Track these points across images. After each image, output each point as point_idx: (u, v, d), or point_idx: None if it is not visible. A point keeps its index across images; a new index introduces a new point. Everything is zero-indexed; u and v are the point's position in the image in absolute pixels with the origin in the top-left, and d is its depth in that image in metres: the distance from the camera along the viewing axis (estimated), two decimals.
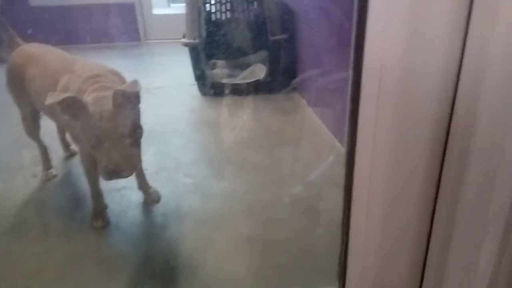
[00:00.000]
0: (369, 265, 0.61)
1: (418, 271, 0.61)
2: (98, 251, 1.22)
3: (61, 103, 1.01)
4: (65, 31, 3.16)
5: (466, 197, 0.52)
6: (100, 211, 1.34)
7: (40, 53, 1.35)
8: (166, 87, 2.66)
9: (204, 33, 2.45)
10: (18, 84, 1.35)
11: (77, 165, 1.63)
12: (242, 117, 2.20)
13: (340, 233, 0.66)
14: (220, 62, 2.72)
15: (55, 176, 1.60)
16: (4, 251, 1.22)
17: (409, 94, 0.51)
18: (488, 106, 0.47)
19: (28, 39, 1.48)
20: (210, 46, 2.54)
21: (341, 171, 0.61)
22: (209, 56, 2.61)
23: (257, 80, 2.50)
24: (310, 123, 2.10)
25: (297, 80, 2.54)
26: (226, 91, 2.49)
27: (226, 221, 1.32)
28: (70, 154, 1.75)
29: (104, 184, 1.35)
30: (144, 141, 1.59)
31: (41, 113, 1.48)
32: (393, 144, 0.54)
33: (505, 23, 0.43)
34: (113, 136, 1.04)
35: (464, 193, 0.52)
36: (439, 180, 0.55)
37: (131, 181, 1.45)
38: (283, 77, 2.56)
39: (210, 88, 2.50)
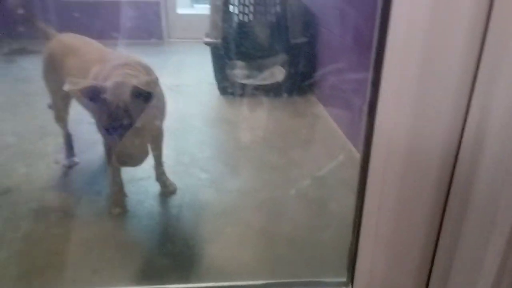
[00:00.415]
0: (378, 258, 0.63)
1: (426, 266, 0.63)
2: (115, 237, 1.26)
3: (82, 90, 1.06)
4: (91, 26, 3.24)
5: (477, 195, 0.53)
6: (119, 199, 1.39)
7: (77, 43, 1.42)
8: (186, 85, 2.71)
9: (226, 34, 2.49)
10: (54, 71, 1.42)
11: (99, 155, 1.68)
12: (259, 118, 2.23)
13: (351, 230, 0.68)
14: (240, 63, 2.76)
15: (77, 163, 1.66)
16: (26, 232, 1.27)
17: (428, 91, 0.53)
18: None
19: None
20: (231, 47, 2.59)
21: (354, 174, 0.63)
22: (230, 57, 2.65)
23: (276, 82, 2.53)
24: (326, 127, 2.12)
25: (311, 81, 2.56)
26: (245, 92, 2.53)
27: (239, 215, 1.35)
28: None
29: (124, 174, 1.40)
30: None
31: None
32: (409, 140, 0.56)
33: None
34: (125, 127, 1.08)
35: (475, 190, 0.53)
36: (452, 177, 0.57)
37: (150, 172, 1.50)
38: (302, 80, 2.58)
39: (229, 88, 2.54)
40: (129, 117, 1.09)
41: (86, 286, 1.06)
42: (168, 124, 1.76)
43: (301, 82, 2.57)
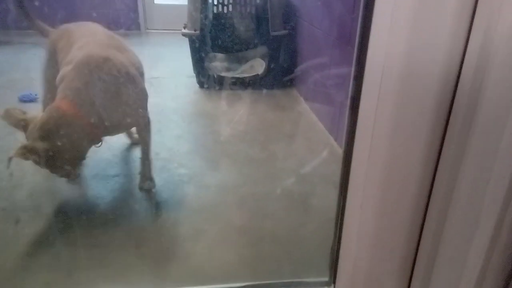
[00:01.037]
0: (361, 257, 0.62)
1: (409, 263, 0.62)
2: (89, 236, 1.21)
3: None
4: (68, 16, 3.14)
5: (460, 193, 0.52)
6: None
7: (74, 29, 1.39)
8: (164, 78, 2.65)
9: (204, 25, 2.44)
10: (53, 61, 1.38)
11: None
12: (239, 111, 2.20)
13: (333, 226, 0.67)
14: (219, 55, 2.72)
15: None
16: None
17: (410, 89, 0.51)
18: (488, 100, 0.47)
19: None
20: (210, 39, 2.54)
21: (335, 169, 0.61)
22: (209, 49, 2.60)
23: (256, 75, 2.50)
24: (307, 120, 2.11)
25: (292, 75, 2.54)
26: (224, 85, 2.49)
27: (219, 212, 1.32)
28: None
29: (95, 172, 1.35)
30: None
31: None
32: (392, 137, 0.54)
33: (508, 17, 0.44)
34: None
35: (458, 189, 0.52)
36: (434, 175, 0.56)
37: (123, 170, 1.45)
38: (282, 73, 2.56)
39: (208, 81, 2.50)
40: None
41: None
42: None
43: (282, 75, 2.55)
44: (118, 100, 1.23)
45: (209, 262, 1.09)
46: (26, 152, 1.11)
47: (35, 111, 1.48)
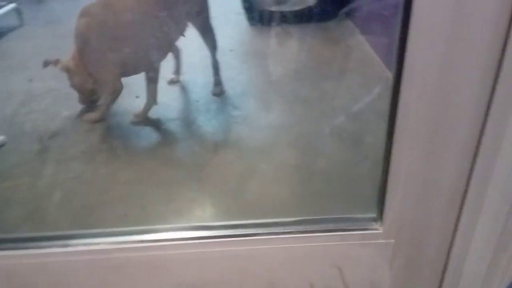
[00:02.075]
0: (409, 193, 0.63)
1: (458, 201, 0.63)
2: (158, 175, 1.34)
3: None
4: None
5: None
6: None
7: None
8: (213, 17, 2.63)
9: None
10: None
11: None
12: (290, 48, 2.15)
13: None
14: None
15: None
16: (77, 172, 1.37)
17: (462, 17, 0.49)
18: None
19: None
20: None
21: None
22: None
23: (307, 7, 2.39)
24: (363, 54, 2.02)
25: (347, 4, 2.39)
26: (275, 20, 2.42)
27: (272, 151, 1.38)
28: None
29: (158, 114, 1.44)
30: (192, 73, 1.64)
31: None
32: (441, 75, 0.53)
33: None
34: None
35: (510, 128, 0.51)
36: (486, 115, 0.55)
37: (181, 114, 1.52)
38: (334, 3, 2.41)
39: (258, 17, 2.44)
40: None
41: (136, 221, 1.16)
42: (196, 61, 1.75)
43: (335, 5, 2.41)
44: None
45: (262, 198, 1.17)
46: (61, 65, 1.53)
47: None
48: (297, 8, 2.40)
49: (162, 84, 1.80)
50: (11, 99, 1.75)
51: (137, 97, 1.67)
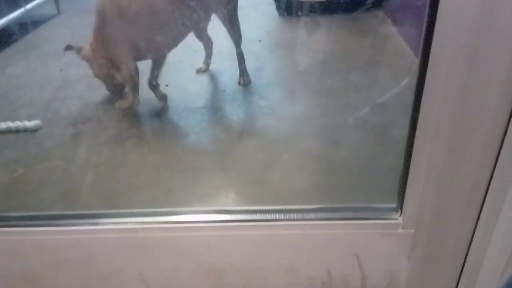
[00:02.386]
0: (430, 185, 0.63)
1: (480, 195, 0.62)
2: (184, 161, 1.37)
3: None
4: None
5: None
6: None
7: None
8: (242, 8, 2.63)
9: None
10: None
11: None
12: (319, 39, 2.13)
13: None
14: None
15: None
16: (108, 157, 1.43)
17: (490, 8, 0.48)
18: None
19: None
20: None
21: None
22: None
23: None
24: (394, 45, 1.97)
25: None
26: (304, 10, 2.40)
27: (296, 141, 1.38)
28: None
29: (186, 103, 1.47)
30: (219, 63, 1.67)
31: None
32: (468, 64, 0.52)
33: None
34: None
35: None
36: None
37: (209, 102, 1.55)
38: None
39: (287, 7, 2.42)
40: None
41: (162, 205, 1.20)
42: (224, 51, 1.77)
43: None
44: None
45: (285, 187, 1.19)
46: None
47: None
48: None
49: (190, 73, 1.84)
50: (47, 86, 1.84)
51: (166, 85, 1.71)
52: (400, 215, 0.69)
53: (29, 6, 2.29)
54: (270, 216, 0.76)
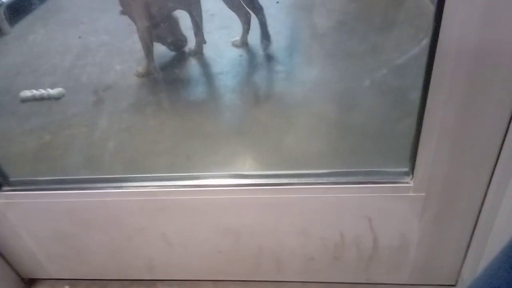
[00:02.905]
0: (441, 150, 0.63)
1: (492, 159, 0.62)
2: (202, 127, 1.40)
3: None
4: None
5: None
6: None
7: None
8: None
9: None
10: None
11: None
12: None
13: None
14: None
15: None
16: (129, 123, 1.47)
17: None
18: None
19: None
20: None
21: None
22: None
23: None
24: (418, 4, 1.89)
25: None
26: None
27: (312, 106, 1.38)
28: None
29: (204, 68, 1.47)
30: (233, 26, 1.64)
31: None
32: (483, 22, 0.51)
33: None
34: None
35: None
36: None
37: (228, 67, 1.55)
38: None
39: None
40: None
41: (182, 170, 1.24)
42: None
43: None
44: None
45: (300, 152, 1.20)
46: None
47: None
48: None
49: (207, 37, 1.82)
50: (67, 53, 1.87)
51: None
52: (411, 179, 0.70)
53: None
54: (284, 180, 0.78)
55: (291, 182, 0.78)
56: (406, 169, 0.72)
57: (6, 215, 0.89)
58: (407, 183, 0.70)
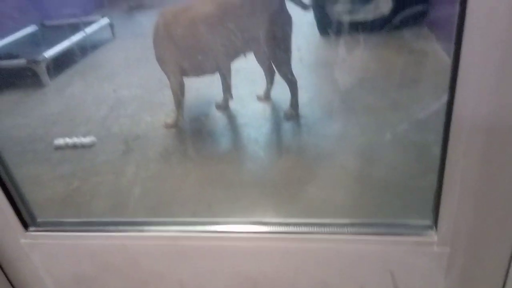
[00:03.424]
0: (465, 203, 0.62)
1: None
2: (224, 177, 1.42)
3: None
4: None
5: None
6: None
7: None
8: None
9: None
10: None
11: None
12: (362, 57, 2.13)
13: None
14: None
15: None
16: (155, 171, 1.51)
17: None
18: None
19: None
20: None
21: None
22: None
23: (381, 16, 2.35)
24: (438, 63, 1.94)
25: (423, 9, 2.29)
26: (347, 29, 2.41)
27: (334, 159, 1.39)
28: None
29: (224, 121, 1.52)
30: (258, 81, 1.71)
31: None
32: (499, 77, 0.52)
33: None
34: None
35: None
36: None
37: (247, 119, 1.60)
38: (411, 10, 2.34)
39: (329, 26, 2.44)
40: None
41: (204, 217, 1.25)
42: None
43: (411, 12, 2.34)
44: None
45: (322, 202, 1.19)
46: None
47: None
48: (370, 17, 2.37)
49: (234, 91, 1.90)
50: (102, 105, 1.98)
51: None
52: (435, 232, 0.69)
53: (88, 30, 2.50)
54: (304, 229, 0.78)
55: (311, 231, 0.77)
56: (429, 223, 0.70)
57: (30, 256, 0.91)
58: (431, 236, 0.69)
